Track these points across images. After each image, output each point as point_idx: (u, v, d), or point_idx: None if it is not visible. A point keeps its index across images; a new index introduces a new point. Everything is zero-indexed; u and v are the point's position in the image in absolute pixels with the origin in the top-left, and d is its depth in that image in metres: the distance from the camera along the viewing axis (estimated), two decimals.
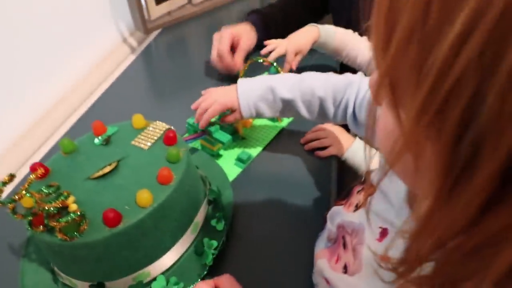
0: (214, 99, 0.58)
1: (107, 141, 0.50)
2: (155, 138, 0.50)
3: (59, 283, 0.47)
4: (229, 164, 0.63)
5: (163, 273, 0.47)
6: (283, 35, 0.77)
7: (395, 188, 0.34)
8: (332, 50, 0.75)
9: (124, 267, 0.43)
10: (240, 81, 0.58)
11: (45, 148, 0.73)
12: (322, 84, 0.53)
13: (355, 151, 0.64)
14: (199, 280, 0.47)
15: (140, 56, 0.98)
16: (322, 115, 0.56)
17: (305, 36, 0.74)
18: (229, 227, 0.53)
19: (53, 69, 0.80)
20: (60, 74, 0.82)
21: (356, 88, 0.51)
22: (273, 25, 0.85)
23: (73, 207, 0.40)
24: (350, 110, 0.52)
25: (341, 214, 0.42)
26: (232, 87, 0.58)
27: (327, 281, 0.40)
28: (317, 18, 0.93)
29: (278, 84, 0.55)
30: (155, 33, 1.06)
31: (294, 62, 0.74)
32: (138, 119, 0.51)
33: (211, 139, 0.63)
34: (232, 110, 0.58)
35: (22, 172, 0.68)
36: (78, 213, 0.38)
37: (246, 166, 0.63)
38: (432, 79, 0.15)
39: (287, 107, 0.56)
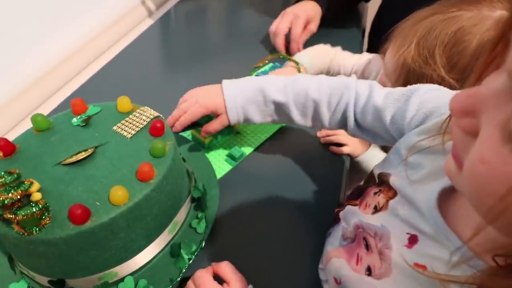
0: (195, 99, 0.52)
1: (86, 122, 0.44)
2: (141, 126, 0.45)
3: (17, 270, 0.43)
4: (219, 159, 0.59)
5: (132, 274, 0.43)
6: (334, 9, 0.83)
7: (423, 195, 0.33)
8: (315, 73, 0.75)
9: (89, 266, 0.39)
10: (226, 82, 0.52)
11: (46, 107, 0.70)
12: (316, 87, 0.49)
13: (373, 155, 0.63)
14: (171, 285, 0.43)
15: (158, 22, 0.94)
16: (317, 119, 0.52)
17: None
18: (211, 230, 0.49)
19: (60, 25, 0.74)
20: (67, 32, 0.77)
21: (354, 92, 0.48)
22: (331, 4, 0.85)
23: (36, 196, 0.35)
24: (351, 115, 0.48)
25: (357, 215, 0.41)
26: (216, 87, 0.53)
27: (337, 280, 0.39)
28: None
29: (269, 85, 0.50)
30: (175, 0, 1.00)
31: None
32: (123, 102, 0.46)
33: None
34: (215, 115, 0.53)
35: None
36: (40, 206, 0.33)
37: (237, 164, 0.58)
38: None
39: (278, 110, 0.52)
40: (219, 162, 0.58)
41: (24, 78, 0.69)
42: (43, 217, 0.34)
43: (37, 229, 0.34)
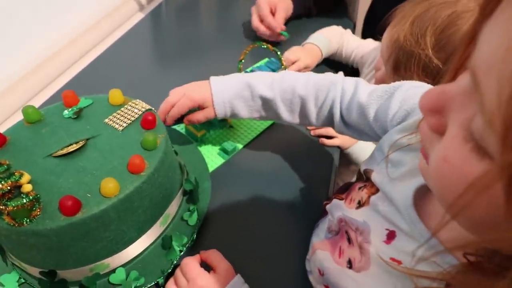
0: (182, 92, 0.52)
1: (77, 115, 0.44)
2: (132, 119, 0.45)
3: (8, 262, 0.43)
4: (212, 153, 0.59)
5: (124, 265, 0.44)
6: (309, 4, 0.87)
7: (401, 193, 0.33)
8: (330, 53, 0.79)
9: (80, 257, 0.39)
10: (213, 78, 0.53)
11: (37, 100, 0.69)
12: (303, 83, 0.50)
13: (362, 148, 0.63)
14: (162, 277, 0.44)
15: (149, 16, 0.94)
16: (304, 116, 0.52)
17: (311, 59, 0.74)
18: (202, 222, 0.50)
19: (52, 18, 0.74)
20: (59, 25, 0.76)
21: (340, 89, 0.48)
22: None
23: (27, 187, 0.35)
24: (337, 112, 0.49)
25: (341, 209, 0.41)
26: (203, 82, 0.53)
27: (320, 272, 0.40)
28: None
29: (256, 80, 0.51)
30: None
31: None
32: (115, 95, 0.46)
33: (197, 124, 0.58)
34: (201, 108, 0.53)
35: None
36: (31, 197, 0.34)
37: (230, 158, 0.59)
38: None
39: (266, 106, 0.52)
40: (212, 156, 0.58)
41: (15, 71, 0.69)
42: (34, 208, 0.34)
43: (28, 220, 0.34)
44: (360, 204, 0.39)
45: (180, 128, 0.61)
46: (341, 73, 0.51)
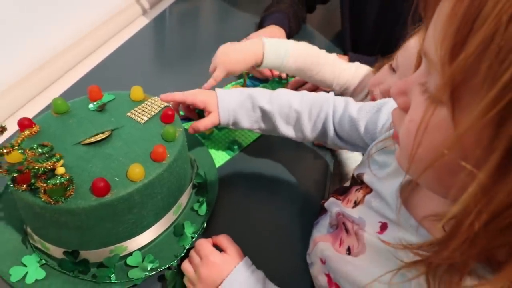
0: (193, 93, 0.56)
1: (101, 108, 0.48)
2: (152, 113, 0.49)
3: (29, 245, 0.46)
4: (219, 149, 0.63)
5: (140, 249, 0.47)
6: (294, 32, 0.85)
7: (388, 187, 0.37)
8: (292, 73, 0.68)
9: (103, 238, 0.43)
10: (218, 89, 0.57)
11: (34, 104, 0.70)
12: (298, 99, 0.54)
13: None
14: (175, 260, 0.47)
15: (153, 22, 0.97)
16: (299, 130, 0.56)
17: (244, 60, 0.63)
18: (211, 213, 0.54)
19: (54, 20, 0.76)
20: (61, 27, 0.78)
21: (332, 104, 0.53)
22: (292, 22, 0.87)
23: (60, 170, 0.38)
24: (330, 126, 0.53)
25: (339, 206, 0.45)
26: (210, 91, 0.57)
27: (322, 261, 0.43)
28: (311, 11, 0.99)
29: (257, 93, 0.55)
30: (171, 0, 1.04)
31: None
32: (137, 91, 0.50)
33: None
34: (206, 111, 0.56)
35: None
36: (67, 177, 0.37)
37: (236, 155, 0.63)
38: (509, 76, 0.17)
39: (264, 117, 0.56)
40: (219, 152, 0.63)
41: (17, 71, 0.70)
42: (68, 188, 0.38)
43: (63, 199, 0.37)
44: (356, 204, 0.43)
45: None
46: (332, 93, 0.56)
